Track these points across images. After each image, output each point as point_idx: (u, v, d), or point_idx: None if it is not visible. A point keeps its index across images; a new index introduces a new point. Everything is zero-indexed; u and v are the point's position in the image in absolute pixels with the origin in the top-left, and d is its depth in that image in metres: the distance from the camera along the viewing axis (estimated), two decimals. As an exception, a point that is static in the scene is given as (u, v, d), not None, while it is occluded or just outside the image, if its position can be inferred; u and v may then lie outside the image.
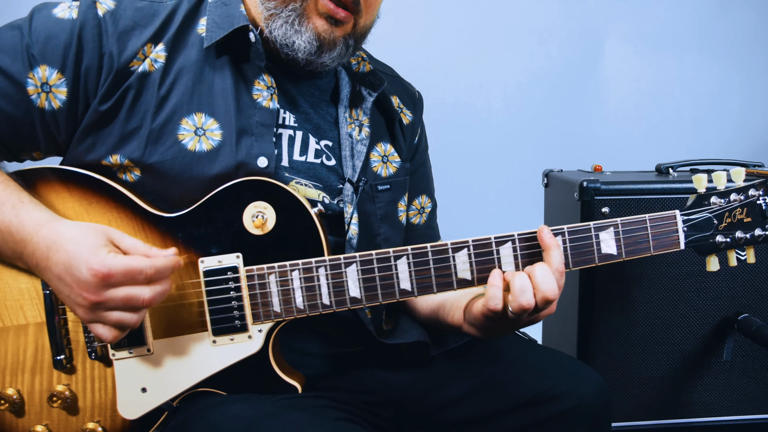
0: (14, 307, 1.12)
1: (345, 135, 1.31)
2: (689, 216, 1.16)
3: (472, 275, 1.11)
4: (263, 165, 1.17)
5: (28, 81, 1.11)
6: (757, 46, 2.97)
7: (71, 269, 0.99)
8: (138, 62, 1.14)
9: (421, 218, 1.50)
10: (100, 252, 0.99)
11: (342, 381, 1.28)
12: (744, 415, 1.94)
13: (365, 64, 1.40)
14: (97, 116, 1.13)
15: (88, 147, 1.14)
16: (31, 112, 1.12)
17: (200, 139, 1.15)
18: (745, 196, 1.18)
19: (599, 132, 2.93)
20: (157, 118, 1.14)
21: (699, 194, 1.18)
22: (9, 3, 2.47)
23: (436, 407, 1.25)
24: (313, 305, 1.11)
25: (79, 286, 0.99)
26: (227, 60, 1.20)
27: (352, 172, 1.29)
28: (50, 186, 1.13)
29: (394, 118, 1.41)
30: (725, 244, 1.18)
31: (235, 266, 1.10)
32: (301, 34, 1.17)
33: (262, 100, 1.20)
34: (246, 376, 1.13)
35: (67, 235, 1.01)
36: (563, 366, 1.26)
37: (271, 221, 1.11)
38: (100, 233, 1.03)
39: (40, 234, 1.03)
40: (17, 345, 1.13)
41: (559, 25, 2.87)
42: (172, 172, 1.13)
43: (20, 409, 1.13)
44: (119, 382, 1.12)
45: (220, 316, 1.11)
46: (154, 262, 1.00)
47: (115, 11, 1.15)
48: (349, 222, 1.26)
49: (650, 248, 1.14)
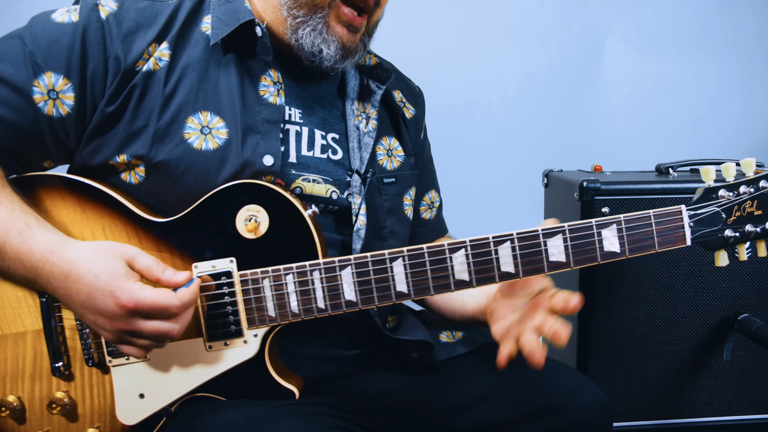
0: (12, 315, 1.12)
1: (352, 127, 1.31)
2: (696, 211, 1.11)
3: (470, 276, 1.09)
4: (269, 163, 1.17)
5: (33, 89, 1.10)
6: (757, 46, 2.96)
7: (95, 301, 1.00)
8: (143, 62, 1.13)
9: (431, 213, 1.54)
10: (125, 282, 1.00)
11: (342, 385, 1.27)
12: (744, 415, 1.94)
13: (371, 57, 1.41)
14: (104, 118, 1.12)
15: (94, 149, 1.14)
16: (38, 121, 1.11)
17: (206, 138, 1.15)
18: (756, 188, 1.11)
19: (599, 132, 2.92)
20: (162, 116, 1.13)
21: (706, 187, 1.12)
22: (9, 3, 2.48)
23: (436, 415, 1.24)
24: (308, 309, 1.10)
25: (106, 317, 1.00)
26: (233, 57, 1.20)
27: (359, 164, 1.29)
28: (45, 193, 1.13)
29: (398, 113, 1.42)
30: (734, 239, 1.12)
31: (228, 271, 1.10)
32: (329, 43, 1.19)
33: (268, 96, 1.20)
34: (243, 380, 1.13)
35: (83, 266, 1.01)
36: (565, 379, 1.25)
37: (264, 224, 1.11)
38: (117, 258, 1.03)
39: (51, 261, 1.03)
40: (16, 352, 1.13)
41: (559, 25, 2.87)
42: (179, 171, 1.13)
43: (21, 416, 1.13)
44: (117, 389, 1.12)
45: (214, 321, 1.11)
46: (181, 298, 1.01)
47: (118, 13, 1.14)
48: (357, 213, 1.26)
49: (655, 245, 1.09)
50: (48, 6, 1.16)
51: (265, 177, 1.16)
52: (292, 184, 1.22)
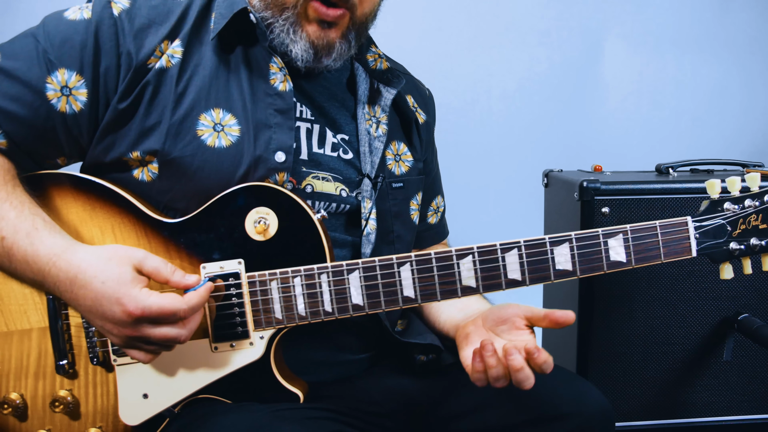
0: (18, 311, 1.12)
1: (363, 131, 1.31)
2: (701, 222, 1.12)
3: (477, 282, 1.10)
4: (281, 160, 1.17)
5: (47, 86, 1.10)
6: (757, 46, 2.97)
7: (101, 308, 0.99)
8: (155, 59, 1.14)
9: (437, 218, 1.55)
10: (131, 289, 0.99)
11: (346, 389, 1.27)
12: (744, 415, 1.94)
13: (382, 61, 1.40)
14: (117, 114, 1.13)
15: (107, 146, 1.15)
16: (52, 117, 1.12)
17: (219, 135, 1.15)
18: (761, 201, 1.13)
19: (599, 132, 2.93)
20: (175, 113, 1.14)
21: (712, 200, 1.14)
22: (9, 3, 2.47)
23: (441, 419, 1.24)
24: (315, 312, 1.11)
25: (113, 322, 1.00)
26: (240, 51, 1.20)
27: (370, 168, 1.29)
28: (56, 192, 1.13)
29: (411, 119, 1.41)
30: (739, 252, 1.13)
31: (236, 272, 1.10)
32: (296, 42, 1.18)
33: (278, 84, 1.20)
34: (248, 383, 1.13)
35: (89, 271, 1.00)
36: (569, 385, 1.25)
37: (273, 227, 1.11)
38: (124, 262, 1.01)
39: (57, 265, 1.02)
40: (21, 349, 1.13)
41: (559, 25, 2.87)
42: (192, 169, 1.13)
43: (23, 414, 1.13)
44: (121, 388, 1.12)
45: (221, 322, 1.11)
46: (189, 302, 1.01)
47: (130, 10, 1.15)
48: (368, 218, 1.27)
49: (660, 255, 1.11)
50: (48, 6, 1.17)
51: (278, 174, 1.16)
52: (303, 181, 1.22)
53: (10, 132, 1.11)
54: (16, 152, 1.13)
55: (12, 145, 1.12)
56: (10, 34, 1.17)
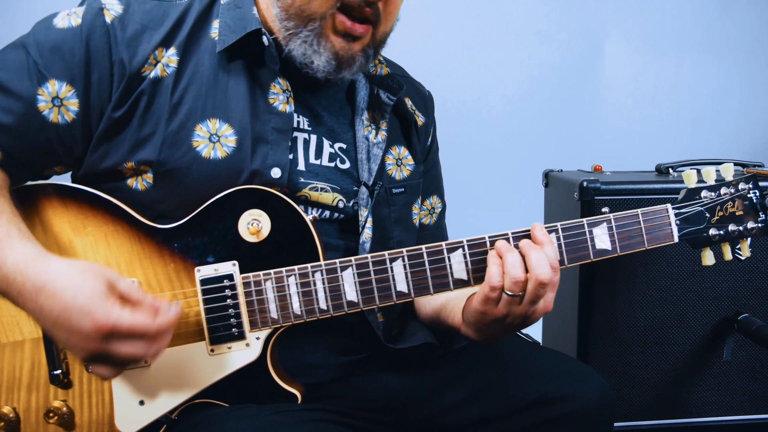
0: (10, 323, 1.11)
1: (361, 138, 1.31)
2: (681, 210, 1.18)
3: (468, 275, 1.12)
4: (276, 176, 1.17)
5: (38, 97, 1.10)
6: (757, 46, 2.96)
7: (69, 320, 0.94)
8: (150, 67, 1.13)
9: (431, 219, 1.51)
10: (104, 303, 0.95)
11: (344, 389, 1.27)
12: (744, 415, 1.94)
13: (382, 67, 1.40)
14: (111, 123, 1.12)
15: (102, 155, 1.14)
16: (45, 129, 1.11)
17: (215, 146, 1.14)
18: (735, 189, 1.21)
19: (599, 132, 2.93)
20: (170, 124, 1.13)
21: (689, 188, 1.20)
22: (9, 3, 2.48)
23: (439, 411, 1.24)
24: (310, 310, 1.11)
25: (80, 336, 0.95)
26: (242, 64, 1.19)
27: (368, 176, 1.29)
28: (47, 202, 1.12)
29: (410, 122, 1.40)
30: (719, 237, 1.20)
31: (231, 274, 1.10)
32: (320, 54, 1.16)
33: (278, 104, 1.20)
34: (245, 385, 1.13)
35: (60, 281, 0.96)
36: (566, 368, 1.25)
37: (266, 228, 1.11)
38: (98, 278, 0.97)
39: (24, 273, 0.97)
40: (13, 362, 1.11)
41: (559, 25, 2.87)
42: (187, 180, 1.13)
43: (16, 428, 1.11)
44: (116, 396, 1.10)
45: (217, 324, 1.11)
46: (159, 323, 0.98)
47: (123, 17, 1.14)
48: (364, 226, 1.27)
49: (644, 242, 1.16)
50: (48, 6, 1.16)
51: (272, 188, 1.15)
52: (300, 192, 1.21)
53: (4, 144, 1.11)
54: (11, 163, 1.13)
55: (6, 157, 1.12)
56: (10, 34, 1.17)
